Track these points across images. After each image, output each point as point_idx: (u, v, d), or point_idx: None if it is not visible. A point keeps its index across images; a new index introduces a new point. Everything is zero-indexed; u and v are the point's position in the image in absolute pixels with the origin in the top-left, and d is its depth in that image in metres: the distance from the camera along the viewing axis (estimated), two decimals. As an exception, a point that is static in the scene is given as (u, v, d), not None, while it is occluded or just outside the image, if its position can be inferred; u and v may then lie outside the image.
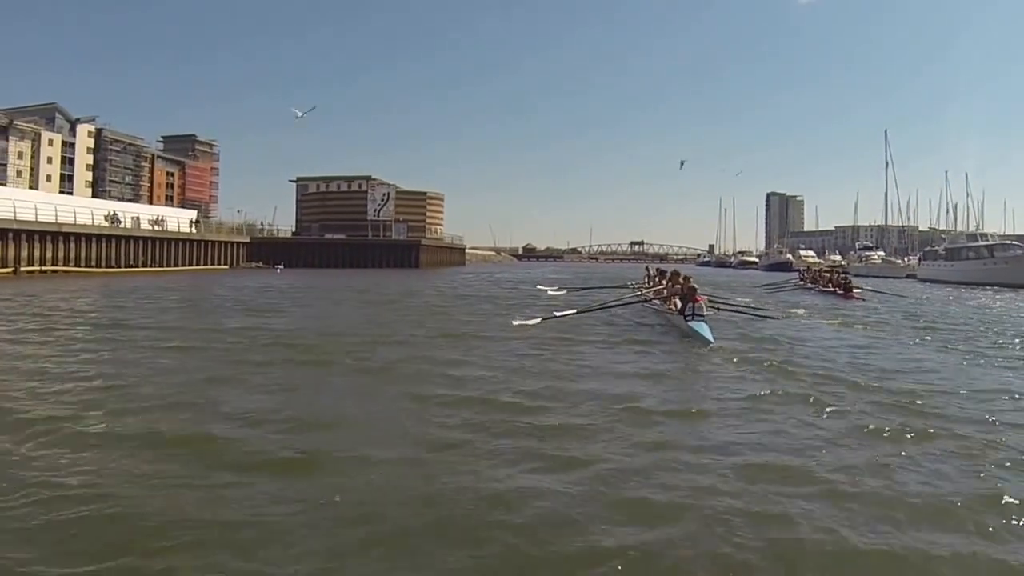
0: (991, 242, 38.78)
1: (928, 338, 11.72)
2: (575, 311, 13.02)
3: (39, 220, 32.44)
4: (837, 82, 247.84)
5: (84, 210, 36.91)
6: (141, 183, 79.98)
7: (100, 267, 35.51)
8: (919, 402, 6.20)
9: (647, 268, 21.82)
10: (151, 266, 39.16)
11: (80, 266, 34.36)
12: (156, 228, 41.49)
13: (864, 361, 8.85)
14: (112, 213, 39.22)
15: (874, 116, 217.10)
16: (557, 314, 12.57)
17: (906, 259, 54.04)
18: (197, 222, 44.55)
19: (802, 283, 27.05)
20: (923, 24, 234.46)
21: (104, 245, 36.39)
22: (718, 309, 13.50)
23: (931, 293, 27.42)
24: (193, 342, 9.66)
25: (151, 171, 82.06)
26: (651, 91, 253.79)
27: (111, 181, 75.54)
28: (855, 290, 22.47)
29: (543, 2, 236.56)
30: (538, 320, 12.10)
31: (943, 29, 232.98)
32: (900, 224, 63.14)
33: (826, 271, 27.86)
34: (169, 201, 78.42)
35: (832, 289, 23.34)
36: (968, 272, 35.90)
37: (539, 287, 25.05)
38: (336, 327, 11.84)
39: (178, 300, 18.16)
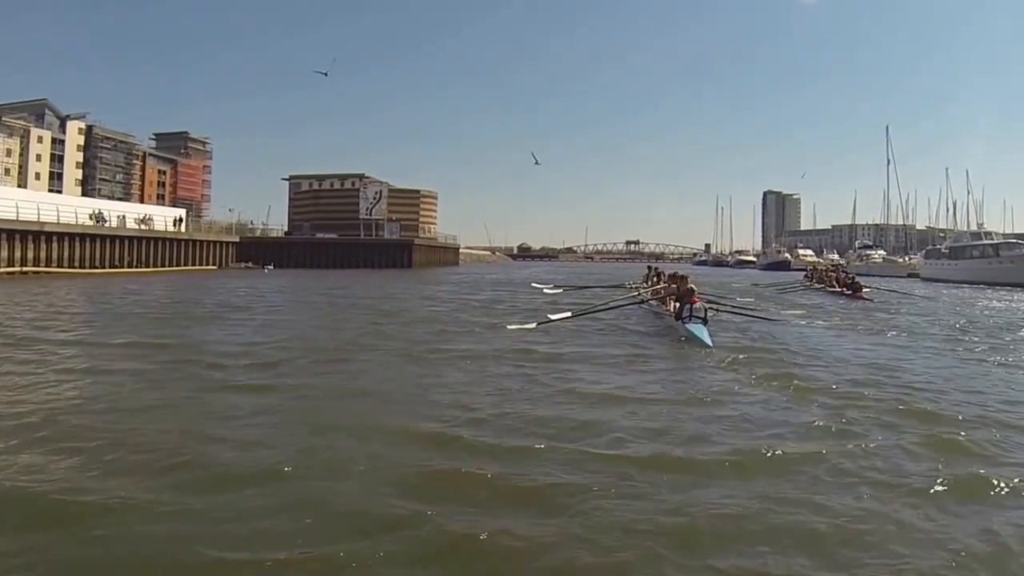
0: (996, 241, 37.68)
1: (956, 344, 10.77)
2: (570, 314, 12.57)
3: (20, 219, 31.75)
4: (834, 82, 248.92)
5: (68, 208, 36.14)
6: (132, 181, 79.27)
7: (84, 268, 34.76)
8: (962, 429, 5.28)
9: (649, 267, 21.36)
10: (137, 267, 38.41)
11: (64, 267, 33.63)
12: (143, 227, 40.79)
13: (881, 369, 8.01)
14: (97, 212, 38.51)
15: (871, 115, 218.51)
16: (552, 317, 12.25)
17: (907, 258, 53.29)
18: (180, 220, 43.51)
19: (808, 283, 26.24)
20: (923, 23, 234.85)
21: (88, 245, 35.64)
22: (717, 311, 12.96)
23: (941, 293, 26.25)
24: (101, 361, 8.16)
25: (142, 169, 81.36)
26: (649, 91, 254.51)
27: (101, 179, 74.83)
28: (864, 290, 21.58)
29: (541, 1, 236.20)
30: (533, 325, 11.66)
31: (943, 27, 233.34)
32: (901, 223, 62.25)
33: (832, 271, 27.07)
34: (161, 200, 77.71)
35: (839, 289, 22.56)
36: (973, 271, 35.02)
37: (534, 285, 24.57)
38: (286, 341, 10.16)
39: (133, 304, 16.87)
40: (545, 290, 21.39)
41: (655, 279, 17.61)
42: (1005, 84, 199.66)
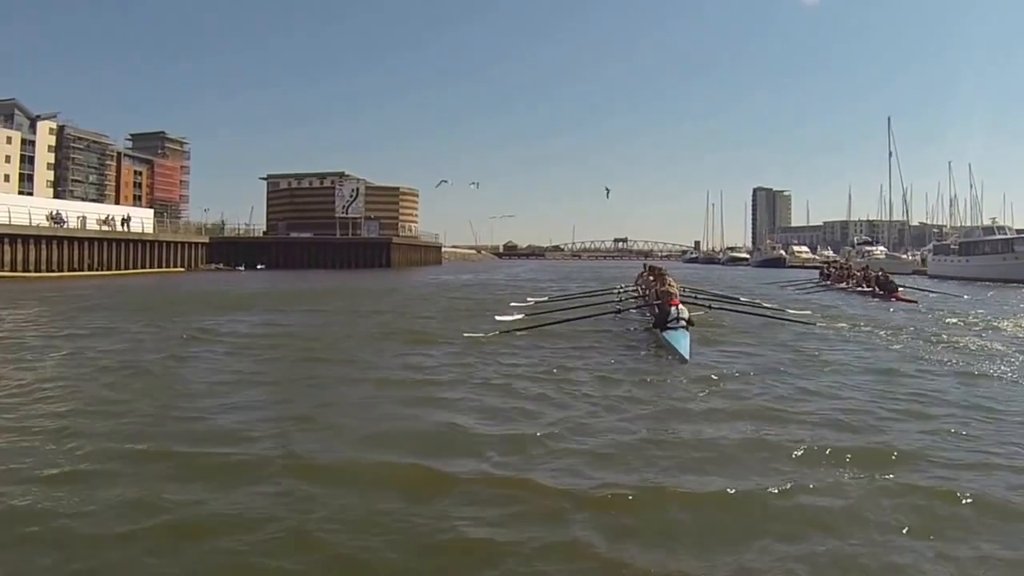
0: (1010, 236, 34.78)
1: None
2: (533, 325, 11.16)
3: (-35, 221, 30.40)
4: (825, 78, 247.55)
5: (21, 209, 34.71)
6: (107, 182, 77.64)
7: (40, 271, 33.43)
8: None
9: (645, 266, 18.34)
10: (99, 269, 37.02)
11: (17, 270, 32.29)
12: (104, 228, 39.38)
13: (942, 408, 5.64)
14: (55, 213, 37.08)
15: (863, 111, 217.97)
16: (500, 319, 11.31)
17: (908, 254, 51.40)
18: (127, 219, 41.59)
19: (827, 282, 23.46)
20: (919, 20, 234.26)
21: (44, 247, 34.30)
22: (709, 307, 11.53)
23: (985, 294, 21.90)
24: None
25: (117, 170, 79.68)
26: (636, 88, 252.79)
27: (74, 180, 73.21)
28: (899, 290, 18.32)
29: (524, 1, 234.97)
30: (495, 333, 10.36)
31: (940, 24, 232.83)
32: (903, 218, 60.54)
33: (858, 268, 23.70)
34: (137, 201, 76.25)
35: (868, 289, 19.44)
36: (984, 268, 32.75)
37: (499, 319, 13.16)
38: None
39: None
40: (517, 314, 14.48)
41: (650, 279, 15.46)
42: (1002, 78, 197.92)
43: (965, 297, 19.45)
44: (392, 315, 14.25)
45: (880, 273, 20.11)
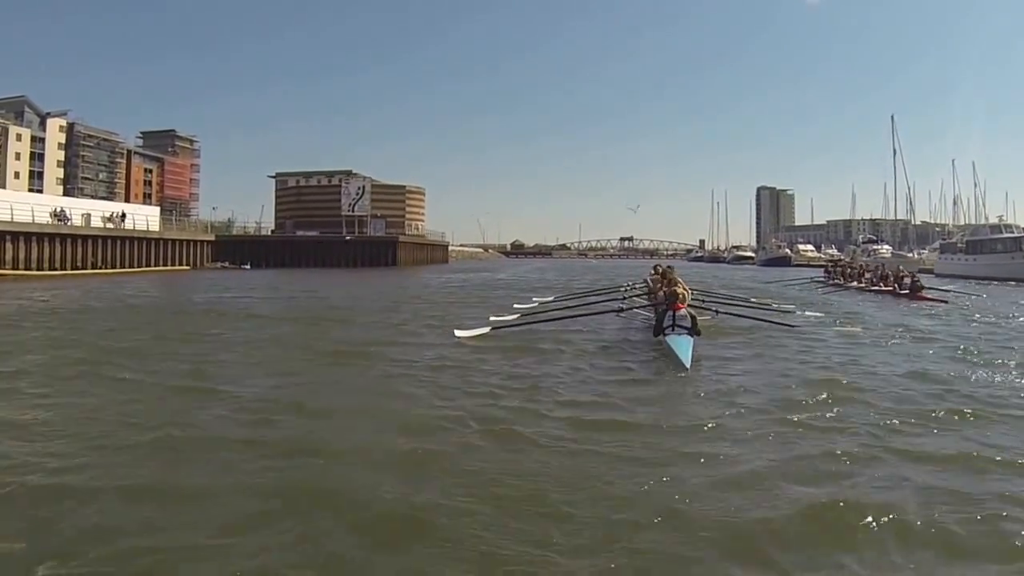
0: (1017, 234, 34.42)
1: None
2: (528, 323, 10.83)
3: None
4: (827, 77, 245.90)
5: (24, 206, 34.46)
6: (116, 180, 77.93)
7: (43, 269, 33.21)
8: None
9: (655, 268, 17.64)
10: (103, 267, 36.83)
11: (19, 268, 32.09)
12: (109, 226, 39.15)
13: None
14: (58, 210, 36.86)
15: (865, 110, 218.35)
16: (500, 317, 11.03)
17: (914, 253, 50.80)
18: (123, 216, 41.07)
19: (839, 280, 22.31)
20: (919, 18, 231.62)
21: (47, 245, 34.07)
22: (716, 311, 10.83)
23: (1008, 291, 21.38)
24: None
25: (127, 167, 79.89)
26: (641, 87, 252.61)
27: (84, 178, 73.52)
28: (923, 290, 17.03)
29: (525, 1, 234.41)
30: (487, 330, 9.95)
31: (939, 22, 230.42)
32: (906, 216, 59.95)
33: (868, 267, 22.59)
34: (148, 199, 76.38)
35: (887, 288, 18.11)
36: (992, 267, 32.58)
37: (494, 318, 11.56)
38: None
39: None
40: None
41: (659, 280, 15.01)
42: (1002, 77, 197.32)
43: (983, 296, 18.58)
44: (391, 316, 13.74)
45: (901, 271, 19.16)
